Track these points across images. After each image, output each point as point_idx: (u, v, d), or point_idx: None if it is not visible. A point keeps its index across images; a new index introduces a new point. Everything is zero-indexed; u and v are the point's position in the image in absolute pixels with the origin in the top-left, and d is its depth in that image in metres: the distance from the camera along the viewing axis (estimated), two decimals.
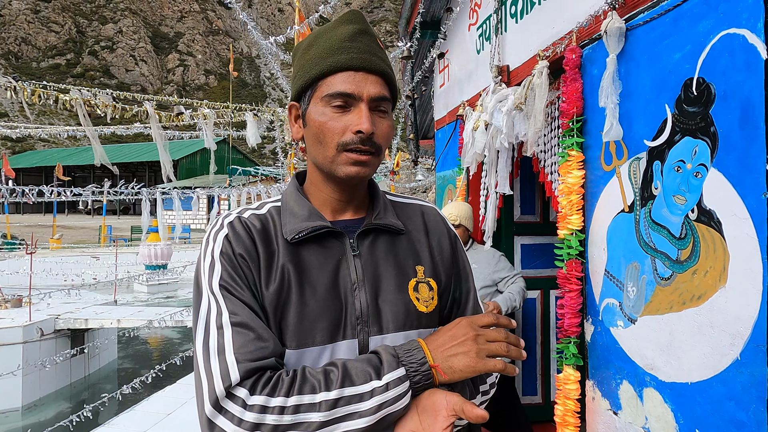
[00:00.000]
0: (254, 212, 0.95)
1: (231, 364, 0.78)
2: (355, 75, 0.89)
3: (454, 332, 0.85)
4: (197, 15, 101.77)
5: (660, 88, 1.63)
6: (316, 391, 0.77)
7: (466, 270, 1.06)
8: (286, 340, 0.86)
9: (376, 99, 0.89)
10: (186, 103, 6.30)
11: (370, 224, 0.95)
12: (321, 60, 0.90)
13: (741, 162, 1.34)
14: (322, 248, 0.91)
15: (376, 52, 0.92)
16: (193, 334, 0.86)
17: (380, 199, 1.01)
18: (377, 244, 0.95)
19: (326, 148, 0.90)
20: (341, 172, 0.90)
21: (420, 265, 0.98)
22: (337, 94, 0.88)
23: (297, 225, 0.91)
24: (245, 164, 38.14)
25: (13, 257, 14.90)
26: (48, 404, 7.52)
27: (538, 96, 2.15)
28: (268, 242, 0.91)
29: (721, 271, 1.40)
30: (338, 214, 0.97)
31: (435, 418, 0.81)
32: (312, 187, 0.98)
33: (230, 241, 0.89)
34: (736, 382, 1.36)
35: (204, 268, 0.88)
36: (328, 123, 0.89)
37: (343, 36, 0.91)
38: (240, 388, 0.76)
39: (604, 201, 1.95)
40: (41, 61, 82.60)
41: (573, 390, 2.07)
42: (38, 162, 43.03)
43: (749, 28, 1.31)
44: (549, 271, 3.35)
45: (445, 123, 4.16)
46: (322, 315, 0.87)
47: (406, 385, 0.80)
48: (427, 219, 1.05)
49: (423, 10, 3.83)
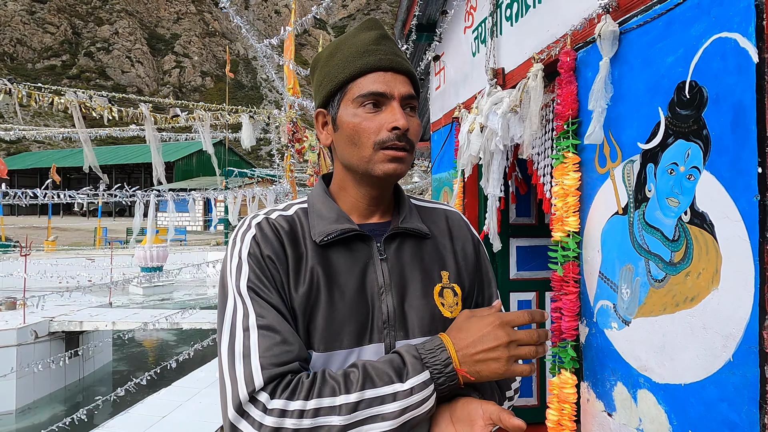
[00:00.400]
0: (281, 213, 0.95)
1: (255, 368, 0.78)
2: (385, 75, 0.90)
3: (485, 333, 0.82)
4: (194, 17, 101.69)
5: (653, 91, 1.65)
6: (336, 393, 0.76)
7: (489, 275, 1.07)
8: (314, 343, 0.86)
9: (406, 97, 0.91)
10: (182, 105, 6.30)
11: (397, 228, 0.95)
12: (349, 64, 0.92)
13: (733, 165, 1.35)
14: (350, 251, 0.92)
15: (401, 54, 0.94)
16: (218, 335, 0.86)
17: (406, 203, 1.01)
18: (404, 248, 0.96)
19: (362, 149, 0.90)
20: (380, 170, 0.90)
21: (445, 270, 0.98)
22: (369, 94, 0.89)
23: (325, 227, 0.91)
24: (242, 166, 38.07)
25: (7, 259, 14.82)
26: (42, 407, 7.48)
27: (533, 99, 2.16)
28: (296, 244, 0.90)
29: (714, 273, 1.41)
30: (365, 218, 0.97)
31: (472, 428, 0.81)
32: (341, 191, 0.98)
33: (258, 242, 0.88)
34: (729, 384, 1.37)
35: (231, 269, 0.88)
36: (362, 123, 0.89)
37: (367, 40, 0.93)
38: (262, 393, 0.76)
39: (599, 203, 1.96)
40: (36, 62, 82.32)
41: (570, 394, 2.06)
42: (33, 164, 42.85)
43: (741, 32, 1.32)
44: (544, 273, 3.36)
45: (440, 125, 4.17)
46: (349, 318, 0.87)
47: (431, 389, 0.79)
48: (452, 224, 1.05)
49: (419, 13, 3.84)
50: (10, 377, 6.71)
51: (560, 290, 2.13)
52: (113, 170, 40.89)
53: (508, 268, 3.41)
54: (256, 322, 0.82)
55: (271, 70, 4.34)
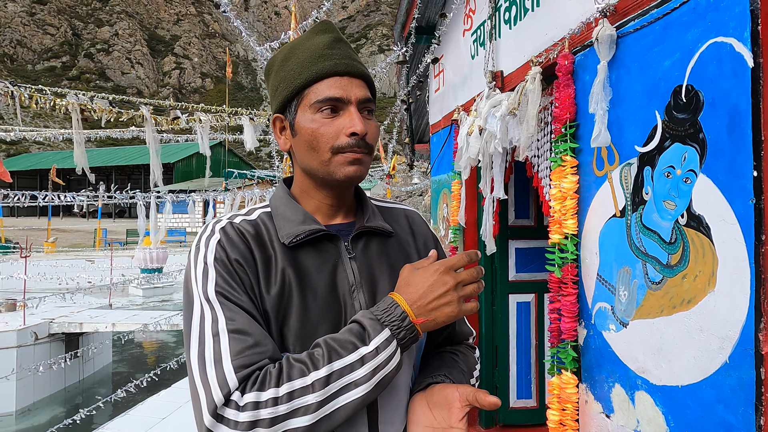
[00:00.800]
0: (245, 218, 0.95)
1: (228, 371, 0.77)
2: (341, 80, 0.91)
3: (434, 282, 0.84)
4: (193, 18, 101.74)
5: (650, 95, 1.66)
6: (305, 373, 0.77)
7: None
8: (289, 345, 0.86)
9: (363, 101, 0.92)
10: (182, 107, 6.30)
11: (363, 227, 0.97)
12: (304, 69, 0.92)
13: (729, 168, 1.36)
14: (319, 252, 0.92)
15: (356, 58, 0.95)
16: (186, 344, 0.84)
17: (368, 203, 1.03)
18: (370, 246, 0.98)
19: (321, 154, 0.91)
20: (340, 174, 0.91)
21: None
22: (326, 99, 0.89)
23: (293, 229, 0.92)
24: (241, 167, 38.09)
25: (7, 261, 14.82)
26: (42, 409, 7.48)
27: (530, 101, 2.17)
28: (263, 247, 0.91)
29: (710, 275, 1.43)
30: (329, 219, 0.99)
31: (449, 411, 0.85)
32: (302, 195, 0.99)
33: (224, 246, 0.88)
34: (725, 385, 1.38)
35: (196, 275, 0.87)
36: (320, 129, 0.90)
37: (322, 44, 0.93)
38: (235, 393, 0.76)
39: (596, 206, 1.97)
40: (36, 63, 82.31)
41: (572, 394, 2.07)
42: (33, 165, 42.87)
43: (736, 37, 1.33)
44: (543, 274, 3.37)
45: (440, 127, 4.19)
46: (323, 318, 0.88)
47: (394, 344, 0.81)
48: (412, 222, 1.09)
49: (418, 16, 3.85)
50: (11, 379, 6.72)
51: (558, 292, 2.14)
52: (113, 171, 40.91)
53: (507, 270, 3.42)
54: (226, 326, 0.81)
55: None
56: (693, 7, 1.48)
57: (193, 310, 0.84)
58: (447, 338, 1.10)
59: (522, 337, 3.44)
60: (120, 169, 41.06)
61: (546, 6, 2.38)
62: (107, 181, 38.30)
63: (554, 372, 2.15)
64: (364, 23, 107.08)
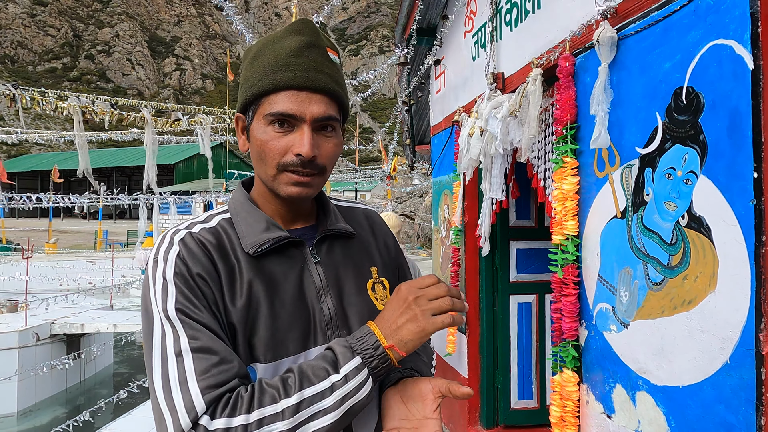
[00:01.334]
0: (204, 226, 0.91)
1: (195, 394, 0.74)
2: (298, 95, 0.85)
3: (395, 302, 0.83)
4: (194, 19, 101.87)
5: (651, 97, 1.67)
6: (276, 399, 0.75)
7: (404, 267, 1.12)
8: (259, 355, 0.84)
9: (319, 119, 0.86)
10: (183, 109, 6.31)
11: (326, 230, 0.96)
12: (264, 76, 0.87)
13: (729, 169, 1.37)
14: (284, 258, 0.90)
15: (323, 68, 0.88)
16: (147, 365, 0.80)
17: (330, 206, 1.02)
18: (334, 249, 0.97)
19: (267, 167, 0.88)
20: (283, 192, 0.88)
21: (374, 265, 1.02)
22: (278, 114, 0.85)
23: (257, 237, 0.89)
24: (242, 168, 38.10)
25: (8, 262, 14.84)
26: (44, 409, 7.49)
27: (532, 103, 2.18)
28: (226, 257, 0.87)
29: (711, 276, 1.43)
30: (289, 224, 0.96)
31: (423, 403, 0.86)
32: (261, 199, 0.96)
33: (184, 259, 0.84)
34: (726, 386, 1.38)
35: (155, 291, 0.82)
36: (269, 143, 0.86)
37: (288, 50, 0.87)
38: (204, 416, 0.73)
39: (597, 207, 1.98)
40: (37, 64, 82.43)
41: (573, 392, 2.09)
42: (34, 166, 42.92)
43: (736, 39, 1.34)
44: (544, 275, 3.38)
45: (441, 129, 4.20)
46: (292, 325, 0.87)
47: (364, 373, 0.79)
48: (372, 222, 1.09)
49: (419, 17, 3.86)
50: (12, 379, 6.73)
51: (560, 292, 2.15)
52: (114, 173, 40.96)
53: (508, 271, 3.43)
54: (189, 345, 0.77)
55: None
56: (693, 9, 1.49)
57: (154, 328, 0.80)
58: None
59: (523, 338, 3.45)
60: (121, 170, 41.11)
61: (547, 8, 2.39)
62: (108, 182, 38.35)
63: (557, 370, 2.17)
64: (364, 24, 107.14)
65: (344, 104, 0.93)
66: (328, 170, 0.91)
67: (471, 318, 3.50)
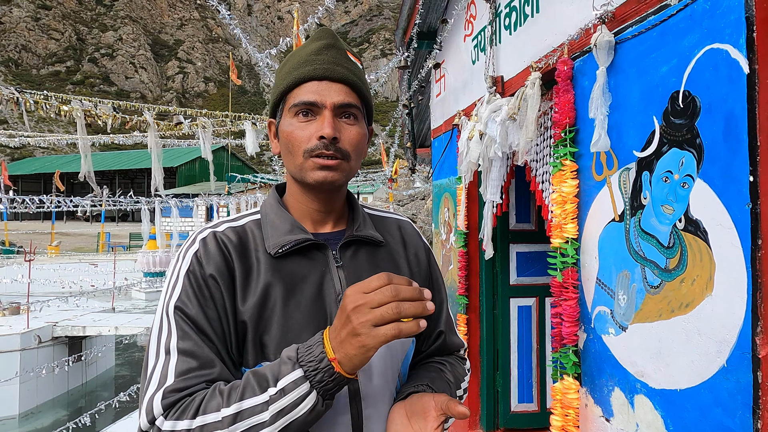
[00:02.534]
0: (230, 225, 0.94)
1: (168, 392, 0.77)
2: (319, 84, 0.90)
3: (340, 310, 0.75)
4: (197, 23, 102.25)
5: (648, 100, 1.67)
6: (219, 407, 0.75)
7: (439, 282, 1.11)
8: (270, 353, 0.86)
9: (340, 106, 0.90)
10: (185, 113, 6.34)
11: (352, 236, 0.97)
12: (288, 75, 0.93)
13: (725, 173, 1.37)
14: (306, 260, 0.92)
15: (342, 63, 0.93)
16: (145, 351, 0.85)
17: (359, 212, 1.03)
18: (359, 255, 0.97)
19: (295, 157, 0.91)
20: (310, 178, 0.91)
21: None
22: (301, 103, 0.90)
23: (280, 239, 0.91)
24: (244, 171, 38.19)
25: (11, 264, 14.88)
26: (45, 412, 7.50)
27: (530, 106, 2.19)
28: (245, 256, 0.90)
29: (708, 279, 1.43)
30: (319, 226, 0.98)
31: (426, 420, 0.85)
32: (291, 199, 0.99)
33: (200, 259, 0.87)
34: (723, 389, 1.38)
35: (168, 286, 0.87)
36: (295, 132, 0.91)
37: (310, 51, 0.94)
38: (159, 417, 0.76)
39: (596, 210, 1.99)
40: (41, 68, 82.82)
41: (574, 399, 2.07)
42: (37, 169, 43.07)
43: (732, 43, 1.35)
44: (544, 278, 3.38)
45: (441, 132, 4.21)
46: (306, 326, 0.87)
47: (305, 387, 0.74)
48: (404, 232, 1.08)
49: (419, 21, 3.88)
50: (14, 382, 6.74)
51: (560, 296, 2.15)
52: (116, 175, 41.07)
53: (508, 274, 3.43)
54: (177, 345, 0.80)
55: (272, 78, 4.39)
56: (689, 14, 1.50)
57: (155, 320, 0.85)
58: (436, 350, 1.09)
59: (523, 341, 3.45)
60: (123, 173, 41.21)
61: (545, 12, 2.40)
62: (110, 185, 38.46)
63: (557, 377, 2.16)
64: (366, 28, 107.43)
65: (365, 97, 0.96)
66: (352, 157, 0.93)
67: (471, 321, 3.50)
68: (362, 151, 0.96)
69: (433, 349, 1.08)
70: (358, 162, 0.96)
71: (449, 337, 1.10)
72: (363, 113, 0.96)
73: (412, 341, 1.02)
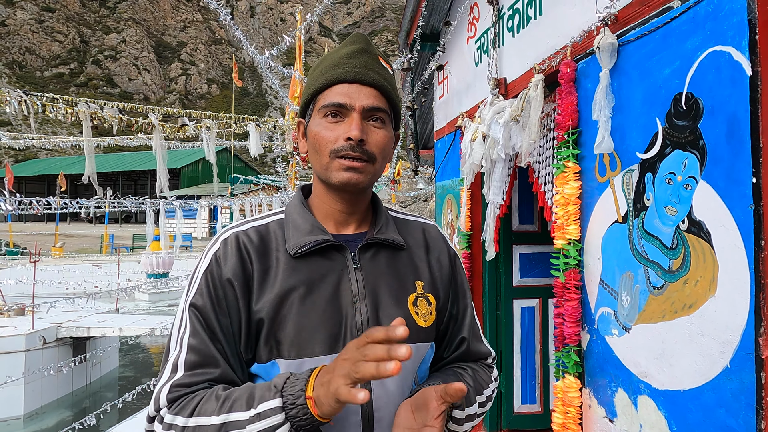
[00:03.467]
0: (254, 225, 0.97)
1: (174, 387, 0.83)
2: (349, 87, 0.92)
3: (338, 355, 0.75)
4: (200, 25, 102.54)
5: (651, 102, 1.68)
6: (211, 413, 0.79)
7: (464, 287, 1.09)
8: (284, 351, 0.88)
9: (369, 109, 0.92)
10: (189, 115, 6.37)
11: (372, 238, 0.97)
12: (320, 76, 0.95)
13: (728, 175, 1.38)
14: (325, 260, 0.93)
15: (373, 67, 0.95)
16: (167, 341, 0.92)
17: (382, 214, 1.03)
18: (378, 258, 0.97)
19: (321, 157, 0.93)
20: (335, 179, 0.92)
21: (419, 280, 0.99)
22: (330, 104, 0.92)
23: (300, 239, 0.93)
24: (247, 173, 38.27)
25: (16, 266, 14.94)
26: (50, 412, 7.53)
27: (533, 108, 2.20)
28: (265, 257, 0.92)
29: (711, 280, 1.44)
30: (341, 227, 0.99)
31: (427, 411, 0.86)
32: (316, 200, 1.00)
33: (218, 259, 0.91)
34: (726, 390, 1.39)
35: (190, 281, 0.92)
36: (322, 132, 0.92)
37: (343, 54, 0.96)
38: (163, 408, 0.83)
39: (599, 211, 1.99)
40: (45, 70, 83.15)
41: (575, 398, 2.09)
42: (41, 170, 43.22)
43: (734, 45, 1.36)
44: (547, 279, 3.38)
45: (444, 133, 4.22)
46: (321, 326, 0.89)
47: (279, 418, 0.76)
48: (428, 236, 1.07)
49: (422, 23, 3.89)
50: (19, 382, 6.77)
51: (562, 297, 2.16)
52: (120, 177, 41.19)
53: (511, 275, 3.44)
54: (188, 340, 0.86)
55: (274, 80, 4.41)
56: (692, 16, 1.51)
57: (177, 313, 0.91)
58: (459, 357, 1.07)
59: (526, 342, 3.45)
60: (127, 174, 41.33)
61: (548, 15, 2.41)
62: (114, 186, 38.57)
63: (559, 376, 2.17)
64: (369, 29, 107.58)
65: (394, 102, 0.97)
66: (378, 160, 0.94)
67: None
68: (388, 155, 0.97)
69: (455, 355, 1.07)
70: (383, 165, 0.97)
71: (473, 344, 1.08)
72: (391, 118, 0.97)
73: (431, 345, 1.01)
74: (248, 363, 0.92)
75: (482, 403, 1.01)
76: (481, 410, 1.01)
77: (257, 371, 0.91)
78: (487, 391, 1.04)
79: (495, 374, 1.11)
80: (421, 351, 0.98)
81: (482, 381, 1.04)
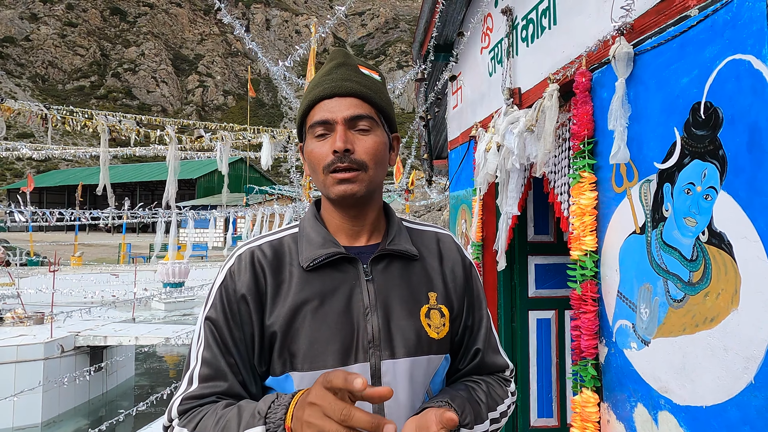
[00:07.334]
0: (269, 240, 0.99)
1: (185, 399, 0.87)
2: (329, 102, 0.94)
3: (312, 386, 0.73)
4: (217, 37, 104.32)
5: (669, 112, 1.66)
6: (209, 429, 0.82)
7: (480, 298, 1.07)
8: (297, 363, 0.89)
9: (350, 119, 0.93)
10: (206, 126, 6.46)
11: (384, 249, 0.97)
12: (304, 99, 0.98)
13: (750, 185, 1.35)
14: (337, 273, 0.94)
15: (351, 78, 0.96)
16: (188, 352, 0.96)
17: (395, 224, 1.03)
18: (391, 269, 0.97)
19: (318, 174, 0.95)
20: (332, 193, 0.93)
21: (433, 291, 0.99)
22: (316, 123, 0.94)
23: (312, 253, 0.94)
24: (262, 183, 38.58)
25: (36, 275, 15.21)
26: (67, 420, 7.60)
27: (548, 118, 2.18)
28: (279, 271, 0.94)
29: (733, 293, 1.40)
30: (353, 240, 0.99)
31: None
32: (326, 214, 1.02)
33: (233, 274, 0.94)
34: (751, 407, 1.35)
35: (207, 296, 0.96)
36: (314, 151, 0.94)
37: (321, 73, 0.98)
38: (175, 419, 0.87)
39: (616, 222, 1.96)
40: (66, 83, 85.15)
41: (593, 413, 2.04)
42: (61, 181, 44.14)
43: (755, 54, 1.33)
44: (563, 291, 3.34)
45: (458, 143, 4.21)
46: (333, 338, 0.89)
47: None
48: (442, 246, 1.06)
49: (436, 34, 3.91)
50: (37, 390, 6.86)
51: (579, 309, 2.12)
52: (137, 187, 41.85)
53: (527, 286, 3.40)
54: (202, 354, 0.90)
55: (288, 90, 4.46)
56: (710, 24, 1.49)
57: (196, 327, 0.95)
58: (474, 369, 1.06)
59: (542, 355, 3.40)
60: (144, 185, 41.97)
61: (563, 24, 2.40)
62: (132, 196, 39.17)
63: (577, 390, 2.13)
64: (383, 40, 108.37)
65: (379, 105, 0.96)
66: (370, 166, 0.94)
67: None
68: (381, 159, 0.96)
69: (470, 367, 1.05)
70: (379, 170, 0.96)
71: (489, 355, 1.06)
72: (379, 121, 0.97)
73: (445, 357, 1.00)
74: (263, 376, 0.92)
75: (495, 419, 0.98)
76: (494, 427, 0.98)
77: (271, 384, 0.92)
78: (502, 407, 1.01)
79: (512, 388, 1.08)
80: (433, 363, 0.97)
81: (496, 396, 1.02)
